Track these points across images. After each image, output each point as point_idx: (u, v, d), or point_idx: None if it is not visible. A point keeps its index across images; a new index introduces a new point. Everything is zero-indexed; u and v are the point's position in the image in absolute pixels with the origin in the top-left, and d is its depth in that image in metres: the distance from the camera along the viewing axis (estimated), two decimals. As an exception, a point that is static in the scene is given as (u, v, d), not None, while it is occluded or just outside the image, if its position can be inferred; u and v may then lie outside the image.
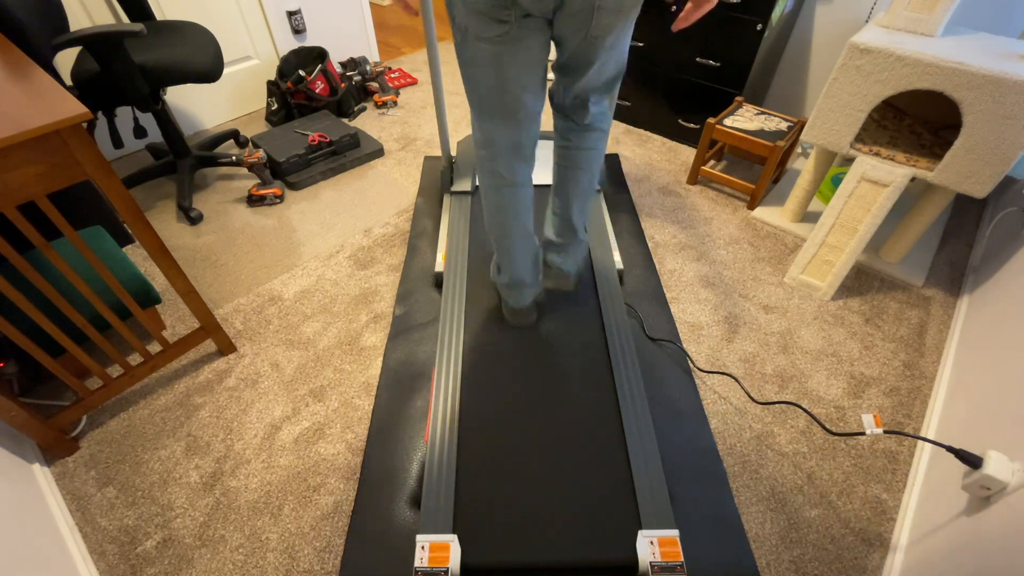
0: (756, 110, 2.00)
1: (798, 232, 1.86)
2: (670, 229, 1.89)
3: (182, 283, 1.25)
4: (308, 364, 1.43)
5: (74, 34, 1.34)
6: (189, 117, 2.31)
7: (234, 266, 1.72)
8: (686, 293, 1.65)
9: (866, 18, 2.02)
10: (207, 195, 2.00)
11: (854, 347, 1.50)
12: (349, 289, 1.64)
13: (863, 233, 1.53)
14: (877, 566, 1.08)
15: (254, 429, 1.29)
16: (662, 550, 0.98)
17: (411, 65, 2.97)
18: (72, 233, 1.03)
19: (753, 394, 1.38)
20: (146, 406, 1.33)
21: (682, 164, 2.22)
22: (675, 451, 1.23)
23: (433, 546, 0.97)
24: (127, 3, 1.74)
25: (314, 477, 1.20)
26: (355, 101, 2.54)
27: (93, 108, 1.58)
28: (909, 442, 1.29)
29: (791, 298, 1.64)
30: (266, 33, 2.38)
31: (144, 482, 1.20)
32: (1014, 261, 1.47)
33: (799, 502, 1.18)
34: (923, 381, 1.42)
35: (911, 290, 1.67)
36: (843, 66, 1.44)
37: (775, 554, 1.10)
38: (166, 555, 1.08)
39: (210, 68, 1.67)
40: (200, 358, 1.45)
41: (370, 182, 2.09)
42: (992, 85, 1.25)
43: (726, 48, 1.99)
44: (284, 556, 1.08)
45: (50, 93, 0.94)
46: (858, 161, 1.51)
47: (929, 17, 1.40)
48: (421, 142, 2.33)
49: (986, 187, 1.38)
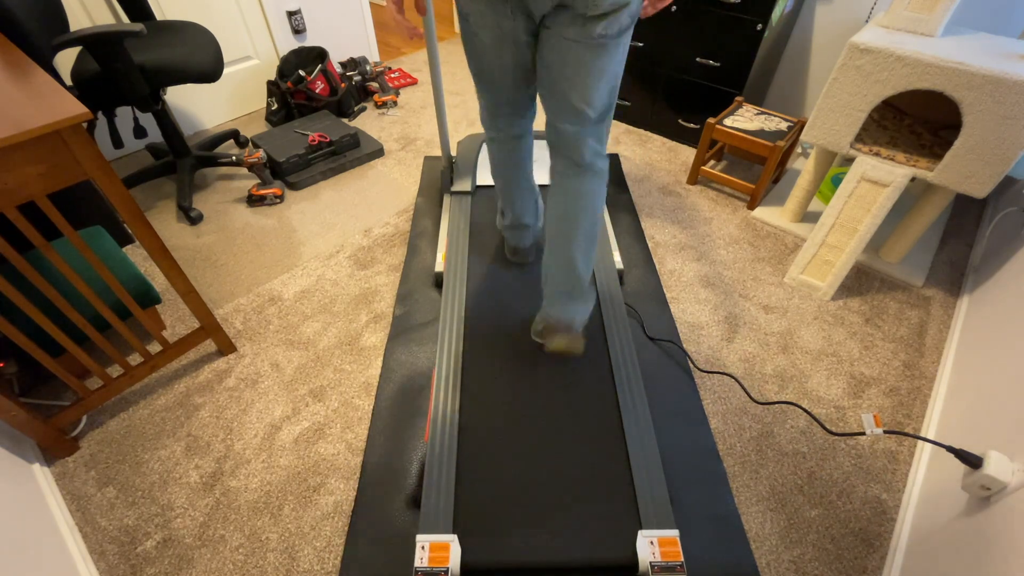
0: (756, 110, 2.00)
1: (798, 232, 1.86)
2: (670, 229, 1.89)
3: (182, 283, 1.25)
4: (308, 364, 1.43)
5: (74, 34, 1.34)
6: (189, 117, 2.31)
7: (234, 266, 1.72)
8: (686, 293, 1.65)
9: (866, 18, 2.02)
10: (207, 195, 2.00)
11: (854, 347, 1.50)
12: (349, 289, 1.64)
13: (863, 233, 1.53)
14: (877, 566, 1.08)
15: (254, 429, 1.29)
16: (662, 550, 0.98)
17: (411, 65, 2.97)
18: (72, 233, 1.03)
19: (753, 394, 1.38)
20: (146, 406, 1.33)
21: (682, 164, 2.22)
22: (675, 451, 1.23)
23: (433, 546, 0.97)
24: (127, 3, 1.74)
25: (314, 477, 1.20)
26: (355, 101, 2.54)
27: (93, 108, 1.58)
28: (909, 442, 1.29)
29: (791, 298, 1.64)
30: (266, 33, 2.38)
31: (144, 482, 1.20)
32: (1014, 261, 1.46)
33: (799, 502, 1.18)
34: (923, 381, 1.42)
35: (911, 290, 1.67)
36: (843, 66, 1.44)
37: (775, 554, 1.10)
38: (166, 555, 1.08)
39: (210, 68, 1.67)
40: (200, 358, 1.45)
41: (370, 182, 2.09)
42: (992, 85, 1.25)
43: (726, 48, 1.99)
44: (284, 556, 1.08)
45: (50, 93, 0.94)
46: (858, 161, 1.51)
47: (929, 17, 1.40)
48: (421, 142, 2.33)
49: (986, 187, 1.38)
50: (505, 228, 1.50)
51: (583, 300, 1.20)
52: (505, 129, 1.27)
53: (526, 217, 1.44)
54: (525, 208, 1.42)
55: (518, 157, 1.33)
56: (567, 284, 1.17)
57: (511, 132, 1.28)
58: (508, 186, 1.38)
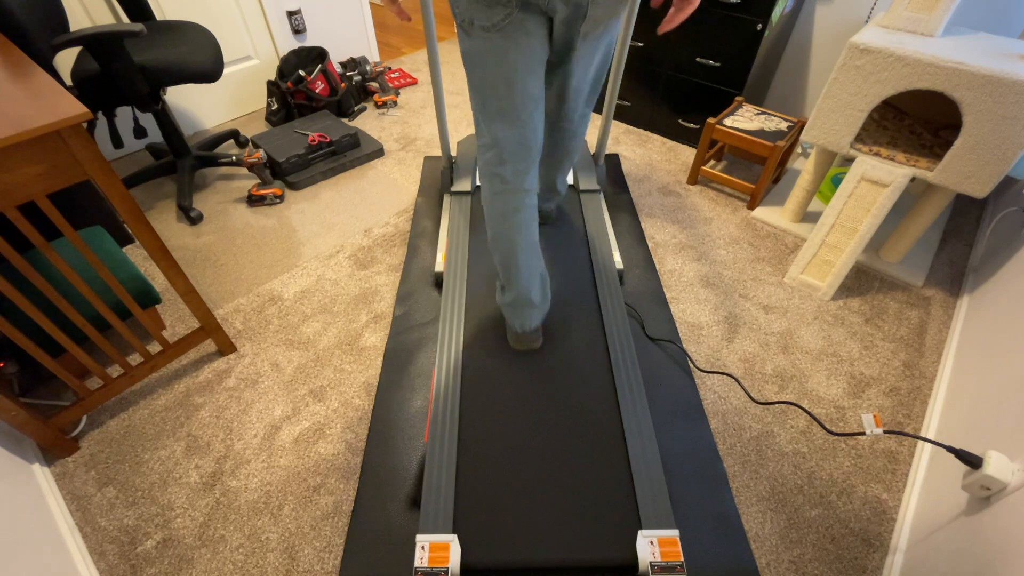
0: (756, 110, 2.00)
1: (798, 232, 1.86)
2: (670, 229, 1.89)
3: (182, 283, 1.25)
4: (308, 364, 1.43)
5: (74, 34, 1.34)
6: (189, 117, 2.31)
7: (234, 266, 1.72)
8: (686, 293, 1.65)
9: (866, 18, 2.02)
10: (207, 195, 2.00)
11: (854, 347, 1.50)
12: (349, 289, 1.64)
13: (863, 233, 1.53)
14: (877, 566, 1.08)
15: (254, 429, 1.29)
16: (662, 550, 0.98)
17: (411, 65, 2.97)
18: (72, 233, 1.03)
19: (753, 394, 1.38)
20: (146, 406, 1.33)
21: (682, 164, 2.22)
22: (675, 451, 1.23)
23: (433, 546, 0.97)
24: (127, 3, 1.74)
25: (314, 477, 1.20)
26: (355, 101, 2.54)
27: (93, 108, 1.59)
28: (909, 442, 1.29)
29: (791, 298, 1.64)
30: (266, 33, 2.38)
31: (144, 482, 1.20)
32: (1014, 261, 1.46)
33: (799, 502, 1.18)
34: (923, 381, 1.42)
35: (911, 290, 1.67)
36: (843, 66, 1.44)
37: (775, 554, 1.10)
38: (166, 555, 1.08)
39: (210, 68, 1.67)
40: (200, 358, 1.45)
41: (370, 182, 2.09)
42: (992, 85, 1.25)
43: (726, 48, 1.99)
44: (284, 556, 1.08)
45: (50, 93, 0.94)
46: (858, 161, 1.51)
47: (929, 17, 1.40)
48: (421, 142, 2.33)
49: (986, 187, 1.38)
50: (506, 306, 1.25)
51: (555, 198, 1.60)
52: (515, 180, 1.10)
53: (532, 293, 1.20)
54: (531, 282, 1.19)
55: (526, 217, 1.13)
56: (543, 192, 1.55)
57: (522, 184, 1.11)
58: (512, 254, 1.15)
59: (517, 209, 1.12)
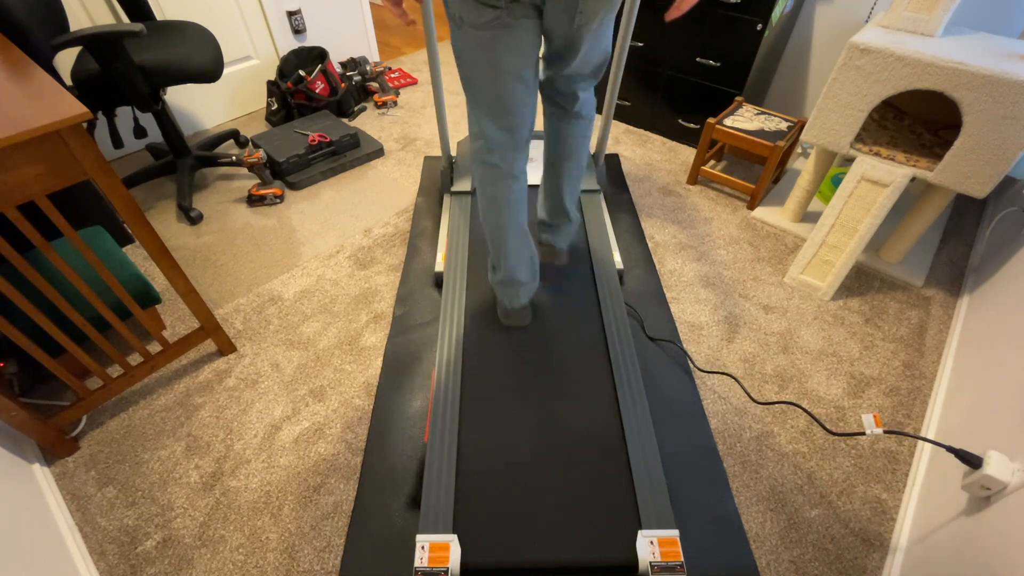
0: (756, 110, 2.00)
1: (798, 232, 1.86)
2: (670, 229, 1.89)
3: (182, 283, 1.25)
4: (308, 364, 1.43)
5: (74, 34, 1.34)
6: (189, 117, 2.31)
7: (234, 266, 1.72)
8: (686, 293, 1.65)
9: (866, 18, 2.02)
10: (207, 195, 2.00)
11: (854, 347, 1.50)
12: (349, 289, 1.64)
13: (863, 233, 1.53)
14: (877, 566, 1.08)
15: (254, 429, 1.29)
16: (662, 550, 0.98)
17: (411, 65, 2.97)
18: (72, 233, 1.03)
19: (753, 394, 1.38)
20: (146, 406, 1.33)
21: (682, 164, 2.22)
22: (675, 451, 1.23)
23: (433, 546, 0.97)
24: (127, 3, 1.74)
25: (314, 477, 1.20)
26: (355, 101, 2.54)
27: (93, 108, 1.59)
28: (909, 442, 1.29)
29: (791, 298, 1.64)
30: (266, 33, 2.38)
31: (144, 482, 1.20)
32: (1014, 261, 1.46)
33: (799, 502, 1.18)
34: (923, 381, 1.42)
35: (911, 290, 1.67)
36: (843, 66, 1.44)
37: (775, 554, 1.10)
38: (166, 555, 1.08)
39: (210, 68, 1.67)
40: (200, 358, 1.45)
41: (370, 182, 2.09)
42: (992, 85, 1.25)
43: (726, 48, 1.99)
44: (284, 556, 1.08)
45: (50, 93, 0.94)
46: (858, 161, 1.51)
47: (929, 17, 1.40)
48: (421, 142, 2.33)
49: (986, 187, 1.38)
50: (496, 284, 1.32)
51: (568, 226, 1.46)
52: (505, 164, 1.14)
53: (521, 273, 1.27)
54: (520, 261, 1.25)
55: (514, 199, 1.18)
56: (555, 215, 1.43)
57: (512, 169, 1.15)
58: (500, 233, 1.21)
59: (506, 193, 1.17)
